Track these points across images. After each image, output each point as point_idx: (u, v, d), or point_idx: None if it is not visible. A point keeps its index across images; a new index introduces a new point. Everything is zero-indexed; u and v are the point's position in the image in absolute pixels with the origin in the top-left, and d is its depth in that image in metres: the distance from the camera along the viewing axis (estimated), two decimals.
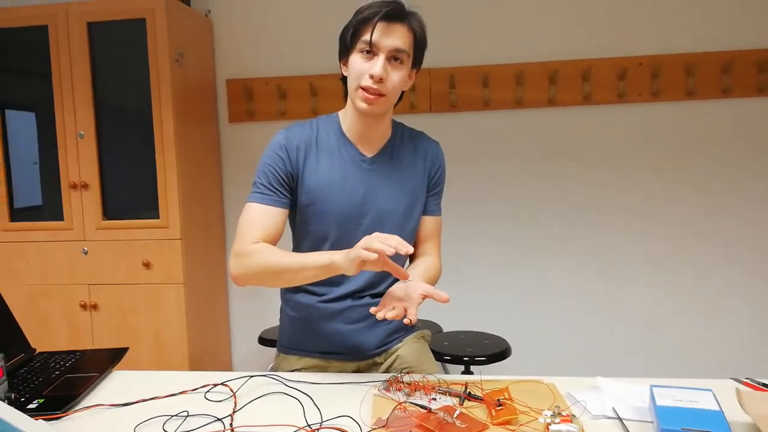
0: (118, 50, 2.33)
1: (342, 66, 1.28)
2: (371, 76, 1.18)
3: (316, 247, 1.29)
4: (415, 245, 1.40)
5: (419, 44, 1.24)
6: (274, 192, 1.25)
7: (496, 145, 2.63)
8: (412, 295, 1.10)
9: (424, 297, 1.10)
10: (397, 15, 1.18)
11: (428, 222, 1.39)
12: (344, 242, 1.26)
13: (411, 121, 1.46)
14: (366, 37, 1.18)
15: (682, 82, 2.48)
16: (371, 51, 1.19)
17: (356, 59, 1.21)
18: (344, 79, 1.28)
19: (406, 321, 1.06)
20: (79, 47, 2.29)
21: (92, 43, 2.30)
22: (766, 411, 0.90)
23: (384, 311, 1.09)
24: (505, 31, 2.57)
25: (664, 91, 2.50)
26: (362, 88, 1.20)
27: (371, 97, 1.19)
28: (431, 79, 2.59)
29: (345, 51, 1.25)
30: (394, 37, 1.18)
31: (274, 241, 1.25)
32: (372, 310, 1.11)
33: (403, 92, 1.30)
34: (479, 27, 2.58)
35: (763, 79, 2.44)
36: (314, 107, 2.64)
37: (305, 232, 1.31)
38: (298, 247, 1.34)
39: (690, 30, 2.48)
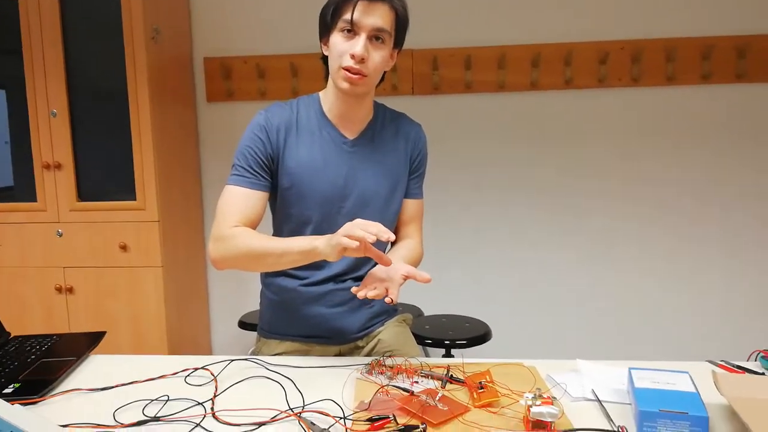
0: (91, 26, 2.25)
1: (322, 45, 1.26)
2: (352, 56, 1.16)
3: (298, 231, 1.28)
4: (397, 228, 1.39)
5: (401, 23, 1.22)
6: (253, 175, 1.23)
7: (478, 127, 2.63)
8: (394, 276, 1.10)
9: (406, 278, 1.10)
10: None
11: (410, 205, 1.39)
12: (326, 226, 1.25)
13: (393, 102, 1.45)
14: (347, 15, 1.15)
15: (662, 67, 2.50)
16: (352, 30, 1.16)
17: (337, 39, 1.18)
18: (325, 59, 1.26)
19: (387, 300, 1.06)
20: (51, 22, 2.21)
21: (64, 19, 2.23)
22: (740, 392, 0.92)
23: (365, 290, 1.08)
24: (488, 14, 2.56)
25: (644, 76, 2.52)
26: (344, 69, 1.17)
27: (353, 77, 1.17)
28: (414, 61, 2.57)
29: (325, 30, 1.22)
30: (375, 16, 1.15)
31: (254, 225, 1.23)
32: (353, 289, 1.10)
33: (384, 73, 1.28)
34: (462, 9, 2.56)
35: (742, 66, 2.46)
36: (294, 87, 2.60)
37: (287, 215, 1.29)
38: (279, 231, 1.33)
39: (671, 15, 2.49)
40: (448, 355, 2.08)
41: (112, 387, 1.09)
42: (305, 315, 1.32)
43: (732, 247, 2.61)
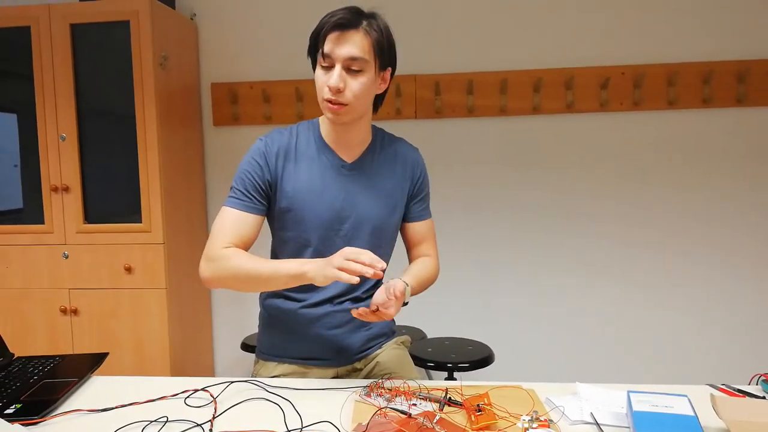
0: (101, 52, 2.31)
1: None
2: (329, 88, 1.18)
3: (296, 254, 1.30)
4: (409, 249, 1.42)
5: (380, 46, 1.20)
6: (249, 198, 1.25)
7: (480, 151, 2.65)
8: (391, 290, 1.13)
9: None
10: (347, 23, 1.17)
11: (420, 227, 1.40)
12: (324, 248, 1.27)
13: (396, 126, 1.47)
14: (321, 47, 1.18)
15: (663, 91, 2.53)
16: (327, 62, 1.19)
17: (318, 72, 1.22)
18: None
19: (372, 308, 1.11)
20: (62, 49, 2.27)
21: (75, 45, 2.29)
22: (739, 416, 0.92)
23: (360, 310, 1.12)
24: (490, 39, 2.60)
25: (645, 101, 2.54)
26: (325, 100, 1.20)
27: (334, 107, 1.20)
28: (417, 86, 2.61)
29: (312, 63, 1.26)
30: (348, 45, 1.16)
31: (246, 247, 1.25)
32: (353, 312, 1.13)
33: (382, 96, 1.31)
34: (464, 34, 2.61)
35: (742, 90, 2.49)
36: (299, 112, 2.64)
37: (285, 238, 1.31)
38: (278, 253, 1.34)
39: (671, 40, 2.53)
40: (450, 378, 2.07)
41: (113, 408, 1.10)
42: (303, 337, 1.32)
43: (734, 269, 2.59)
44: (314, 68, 1.25)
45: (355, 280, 1.03)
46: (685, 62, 2.51)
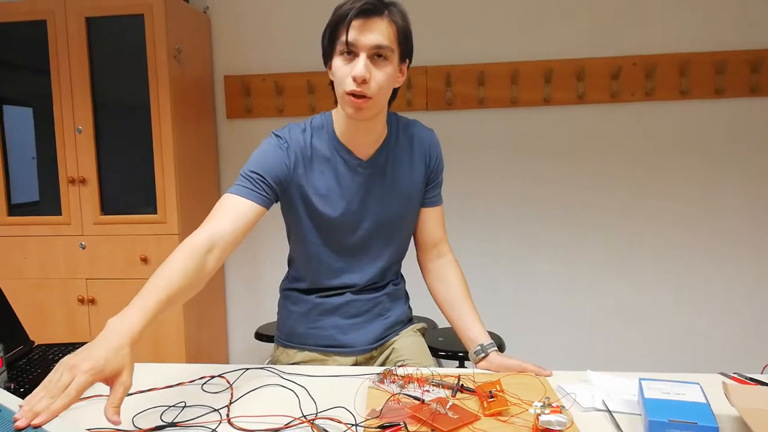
0: (116, 46, 2.34)
1: (328, 71, 1.21)
2: (354, 79, 1.10)
3: (316, 253, 1.31)
4: (425, 241, 1.39)
5: (403, 35, 1.15)
6: (256, 187, 1.19)
7: (491, 143, 2.65)
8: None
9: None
10: (373, 9, 1.09)
11: (434, 214, 1.38)
12: (344, 247, 1.30)
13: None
14: (343, 37, 1.10)
15: (676, 82, 2.51)
16: (351, 52, 1.11)
17: (338, 63, 1.14)
18: (332, 83, 1.21)
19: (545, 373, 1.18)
20: (78, 42, 2.30)
21: (90, 39, 2.31)
22: (751, 404, 0.92)
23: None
24: (501, 30, 2.59)
25: (657, 91, 2.52)
26: (348, 94, 1.12)
27: (358, 101, 1.12)
28: (428, 77, 2.61)
29: (327, 54, 1.18)
30: (373, 33, 1.09)
31: (232, 237, 1.17)
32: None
33: (397, 90, 1.25)
34: (475, 25, 2.60)
35: (755, 80, 2.46)
36: (311, 104, 2.65)
37: (302, 238, 1.31)
38: (298, 254, 1.36)
39: (684, 30, 2.50)
40: (461, 366, 2.09)
41: (132, 393, 1.12)
42: (323, 325, 1.34)
43: (746, 259, 2.58)
44: (327, 60, 1.19)
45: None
46: (697, 52, 2.49)
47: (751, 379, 1.14)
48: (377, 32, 1.10)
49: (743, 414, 0.89)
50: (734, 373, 1.17)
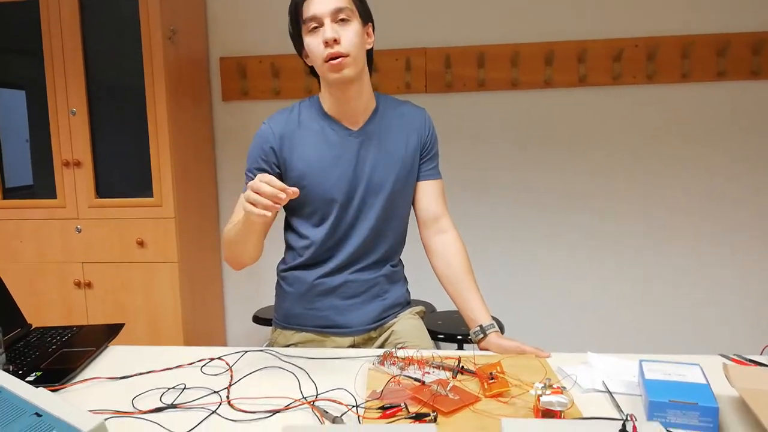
0: (109, 27, 2.30)
1: (305, 59, 1.29)
2: (326, 43, 1.18)
3: (316, 226, 1.32)
4: (426, 216, 1.39)
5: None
6: None
7: (491, 125, 2.63)
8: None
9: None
10: None
11: (432, 187, 1.39)
12: (339, 221, 1.30)
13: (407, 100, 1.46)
14: (306, 14, 1.20)
15: (677, 64, 2.49)
16: (316, 26, 1.20)
17: (309, 40, 1.22)
18: (312, 69, 1.29)
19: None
20: (70, 23, 2.26)
21: (83, 20, 2.27)
22: (751, 384, 0.92)
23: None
24: (501, 12, 2.56)
25: (658, 73, 2.50)
26: (325, 61, 1.20)
27: (336, 62, 1.19)
28: (427, 59, 2.58)
29: (298, 42, 1.27)
30: (328, 1, 1.19)
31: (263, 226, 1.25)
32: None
33: (371, 53, 1.31)
34: (475, 7, 2.57)
35: (757, 62, 2.44)
36: (308, 86, 2.62)
37: (300, 213, 1.33)
38: (294, 230, 1.36)
39: (685, 12, 2.48)
40: (460, 349, 2.09)
41: (131, 376, 1.12)
42: (320, 306, 1.34)
43: (744, 242, 2.58)
44: (300, 49, 1.28)
45: (265, 213, 1.00)
46: (699, 34, 2.46)
47: (751, 361, 1.14)
48: None
49: (743, 394, 0.89)
50: (734, 355, 1.17)
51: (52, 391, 1.04)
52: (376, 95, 1.35)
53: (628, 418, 0.78)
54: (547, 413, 0.87)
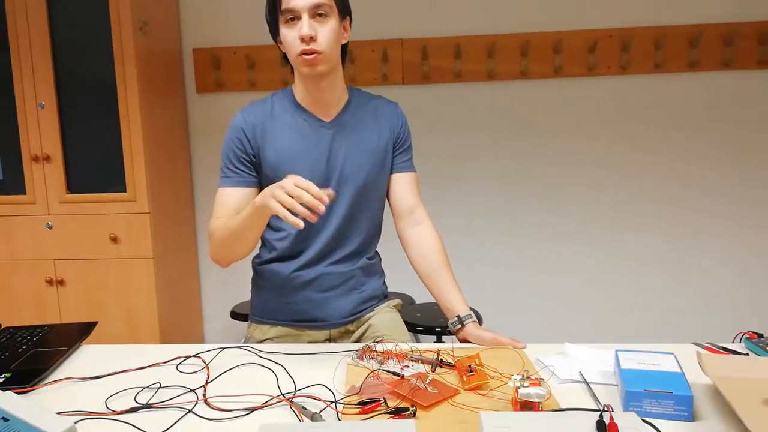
0: (78, 17, 2.23)
1: (279, 45, 1.28)
2: (302, 39, 1.17)
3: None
4: (401, 208, 1.39)
5: None
6: (237, 173, 1.28)
7: (468, 116, 2.63)
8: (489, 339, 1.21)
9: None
10: None
11: (406, 179, 1.39)
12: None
13: (383, 92, 1.46)
14: (284, 5, 1.18)
15: (651, 55, 2.51)
16: (293, 17, 1.18)
17: (285, 31, 1.21)
18: (286, 57, 1.28)
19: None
20: (38, 13, 2.19)
21: (51, 9, 2.21)
22: (724, 372, 0.94)
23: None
24: (477, 3, 2.56)
25: (632, 64, 2.53)
26: (299, 55, 1.19)
27: (309, 57, 1.18)
28: (404, 50, 2.57)
29: (274, 29, 1.26)
30: None
31: None
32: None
33: (346, 47, 1.30)
34: None
35: (728, 53, 2.48)
36: (284, 78, 2.59)
37: None
38: (268, 223, 1.34)
39: (659, 3, 2.50)
40: (439, 341, 2.10)
41: (104, 375, 1.09)
42: (296, 300, 1.33)
43: (715, 233, 2.63)
44: (275, 35, 1.26)
45: (294, 220, 1.00)
46: (671, 25, 2.49)
47: (724, 349, 1.16)
48: None
49: (717, 382, 0.91)
50: (707, 343, 1.19)
51: (23, 392, 1.02)
52: (349, 89, 1.35)
53: (605, 409, 0.79)
54: (526, 405, 0.88)
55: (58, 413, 0.93)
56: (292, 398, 0.96)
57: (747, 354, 1.12)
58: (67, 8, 2.22)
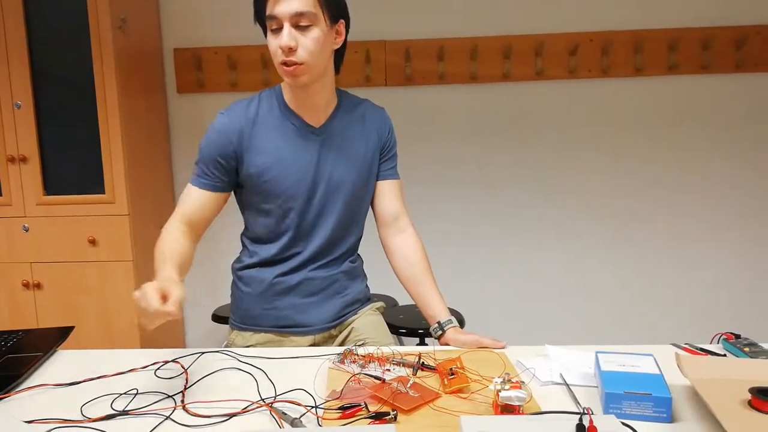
0: (55, 14, 2.19)
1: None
2: (281, 49, 1.14)
3: (275, 226, 1.29)
4: (386, 216, 1.38)
5: None
6: (209, 176, 1.26)
7: (451, 118, 2.64)
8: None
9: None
10: None
11: (391, 187, 1.38)
12: (300, 219, 1.28)
13: (366, 94, 1.45)
14: (267, 11, 1.15)
15: (631, 58, 2.54)
16: (276, 27, 1.15)
17: (270, 38, 1.17)
18: None
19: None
20: (13, 10, 2.15)
21: (27, 6, 2.17)
22: (702, 374, 0.95)
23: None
24: (460, 5, 2.56)
25: (613, 68, 2.55)
26: (281, 64, 1.17)
27: (290, 68, 1.16)
28: (386, 52, 2.57)
29: (263, 27, 1.22)
30: (290, 2, 1.12)
31: (198, 223, 1.28)
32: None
33: (341, 52, 1.27)
34: (435, 0, 2.57)
35: (707, 57, 2.52)
36: (266, 78, 2.57)
37: (258, 210, 1.30)
38: (255, 227, 1.33)
39: (639, 7, 2.53)
40: (422, 344, 2.09)
41: (80, 382, 1.07)
42: (279, 305, 1.32)
43: (694, 231, 2.67)
44: (266, 34, 1.22)
45: (147, 324, 0.96)
46: (651, 29, 2.52)
47: (702, 350, 1.18)
48: (294, 0, 1.12)
49: (695, 384, 0.92)
50: (685, 344, 1.20)
51: None
52: (338, 92, 1.33)
53: (585, 412, 0.79)
54: (507, 408, 0.88)
55: (32, 421, 0.91)
56: (272, 403, 0.95)
57: (725, 355, 1.14)
58: (43, 4, 2.18)
